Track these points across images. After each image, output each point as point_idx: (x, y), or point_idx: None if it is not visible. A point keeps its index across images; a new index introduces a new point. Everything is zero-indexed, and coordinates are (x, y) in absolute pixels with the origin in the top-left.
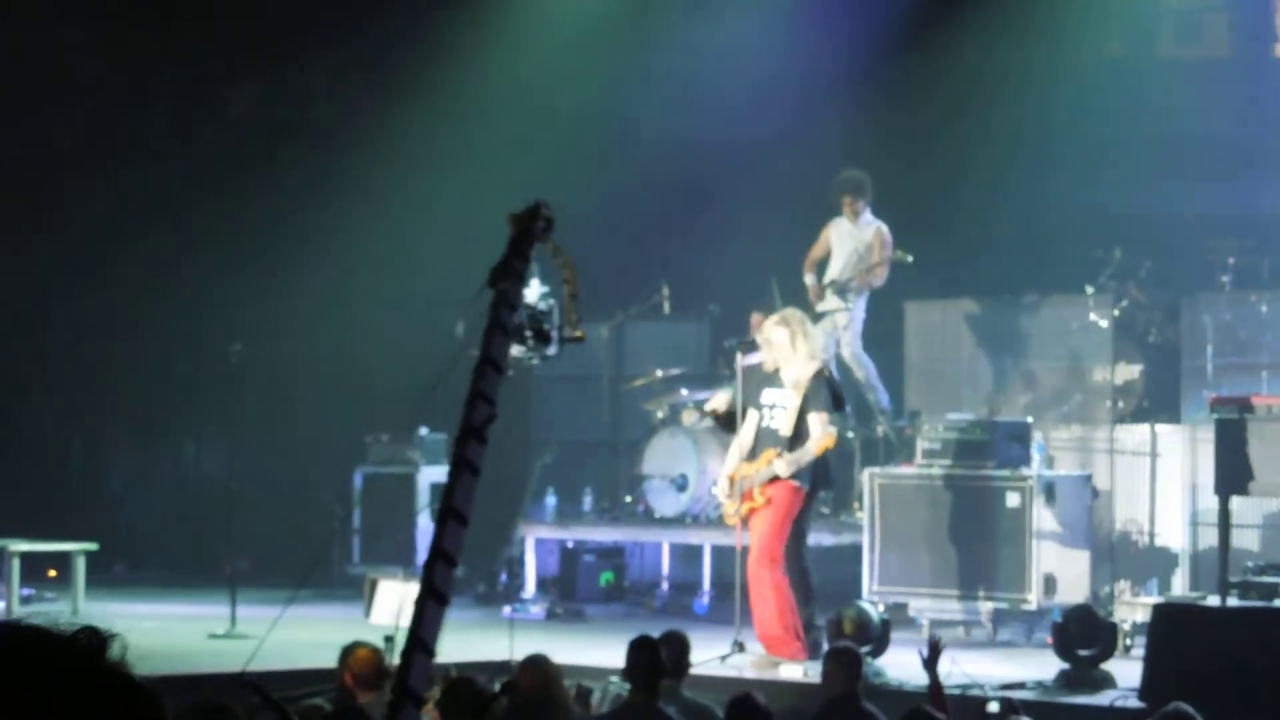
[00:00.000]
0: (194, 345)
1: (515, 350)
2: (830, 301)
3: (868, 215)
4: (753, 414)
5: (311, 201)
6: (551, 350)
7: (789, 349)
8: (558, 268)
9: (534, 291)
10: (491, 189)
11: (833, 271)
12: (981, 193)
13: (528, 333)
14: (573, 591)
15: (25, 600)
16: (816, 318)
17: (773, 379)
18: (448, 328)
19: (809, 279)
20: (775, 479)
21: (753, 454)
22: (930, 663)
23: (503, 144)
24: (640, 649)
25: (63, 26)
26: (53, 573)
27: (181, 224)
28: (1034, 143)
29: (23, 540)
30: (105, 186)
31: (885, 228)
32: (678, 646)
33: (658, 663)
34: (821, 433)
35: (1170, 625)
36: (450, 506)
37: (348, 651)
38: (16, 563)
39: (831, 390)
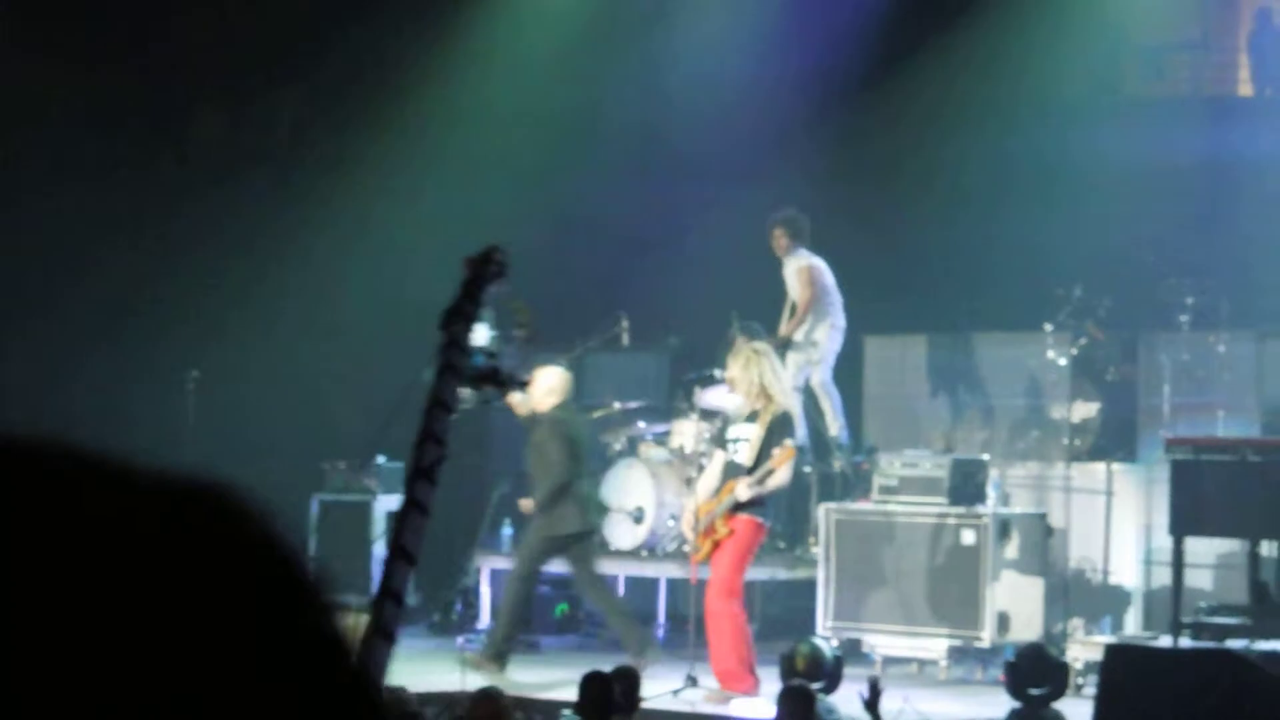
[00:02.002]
0: (151, 373)
1: (466, 394)
2: (798, 334)
3: (800, 252)
4: (719, 453)
5: (272, 230)
6: (504, 396)
7: (751, 379)
8: (512, 313)
9: (482, 336)
10: (454, 221)
11: (783, 318)
12: (941, 228)
13: (484, 379)
14: (527, 622)
15: None
16: (785, 350)
17: (736, 416)
18: (404, 358)
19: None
20: (738, 510)
21: (717, 492)
22: (871, 704)
23: (464, 175)
24: (592, 683)
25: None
26: None
27: (139, 251)
28: (993, 178)
29: None
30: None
31: (813, 265)
32: (629, 681)
33: (609, 697)
34: (786, 463)
35: (1122, 665)
36: (399, 546)
37: None
38: None
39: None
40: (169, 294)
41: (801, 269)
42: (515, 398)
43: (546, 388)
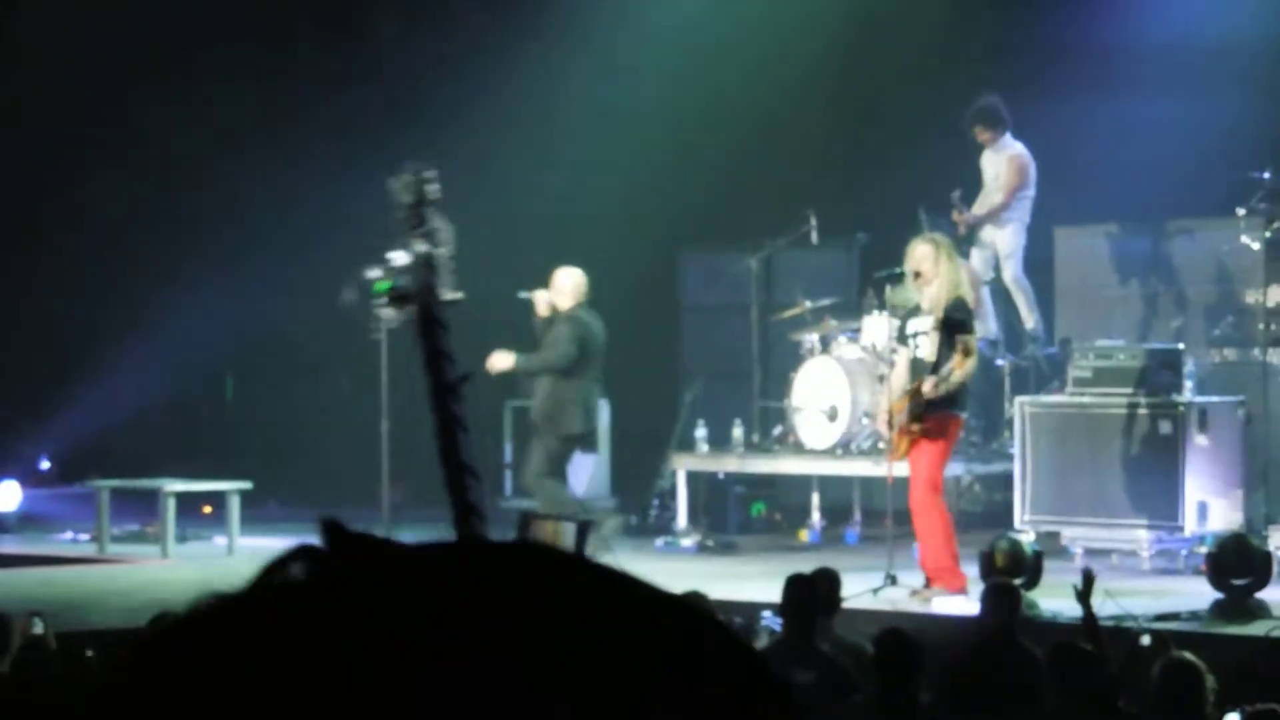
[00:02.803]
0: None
1: (391, 315)
2: (986, 229)
3: (1005, 140)
4: (903, 350)
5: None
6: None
7: (932, 269)
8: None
9: (407, 255)
10: (632, 121)
11: (979, 203)
12: (1130, 116)
13: (407, 299)
14: (724, 523)
15: (180, 539)
16: (968, 245)
17: (917, 310)
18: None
19: (956, 213)
20: (931, 408)
21: (908, 389)
22: (1084, 595)
23: (646, 70)
24: (794, 586)
25: None
26: (208, 509)
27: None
28: (1181, 63)
29: (178, 480)
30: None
31: (1021, 154)
32: (830, 583)
33: (812, 600)
34: (969, 355)
35: None
36: (464, 464)
37: None
38: (172, 503)
39: (969, 315)
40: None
41: (1013, 156)
42: (538, 296)
43: (565, 287)
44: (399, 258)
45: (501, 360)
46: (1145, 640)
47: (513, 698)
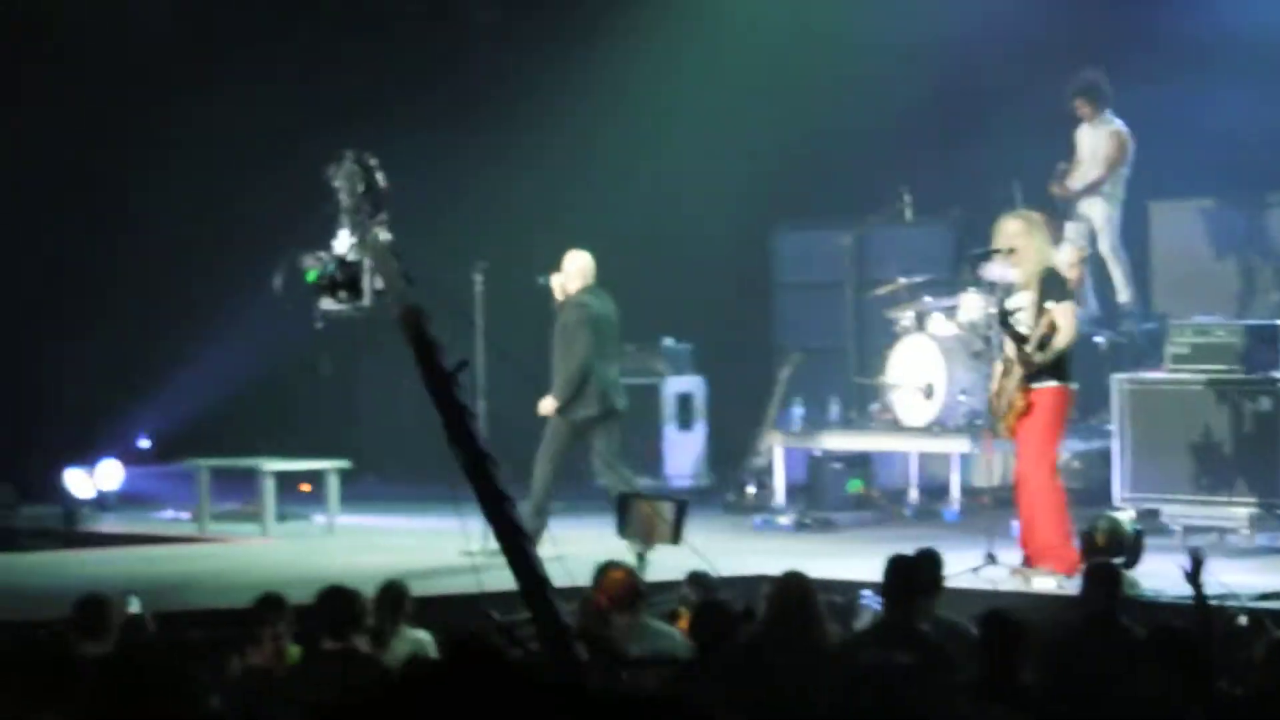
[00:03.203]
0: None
1: (329, 304)
2: (1082, 204)
3: (1106, 117)
4: (1006, 330)
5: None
6: (364, 302)
7: (1026, 245)
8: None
9: (343, 243)
10: (730, 97)
11: (1076, 177)
12: (1225, 90)
13: (340, 286)
14: (821, 500)
15: (280, 518)
16: (1062, 220)
17: (1013, 287)
18: (681, 239)
19: (1055, 185)
20: (1034, 380)
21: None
22: (1193, 576)
23: (739, 49)
24: (896, 568)
25: None
26: (306, 487)
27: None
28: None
29: (277, 459)
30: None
31: (1122, 130)
32: (932, 564)
33: (914, 582)
34: (1064, 322)
35: None
36: (483, 451)
37: (601, 571)
38: (271, 482)
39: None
40: (450, 188)
41: (1114, 132)
42: (554, 279)
43: (572, 270)
44: (340, 244)
45: (547, 406)
46: (1243, 620)
47: None
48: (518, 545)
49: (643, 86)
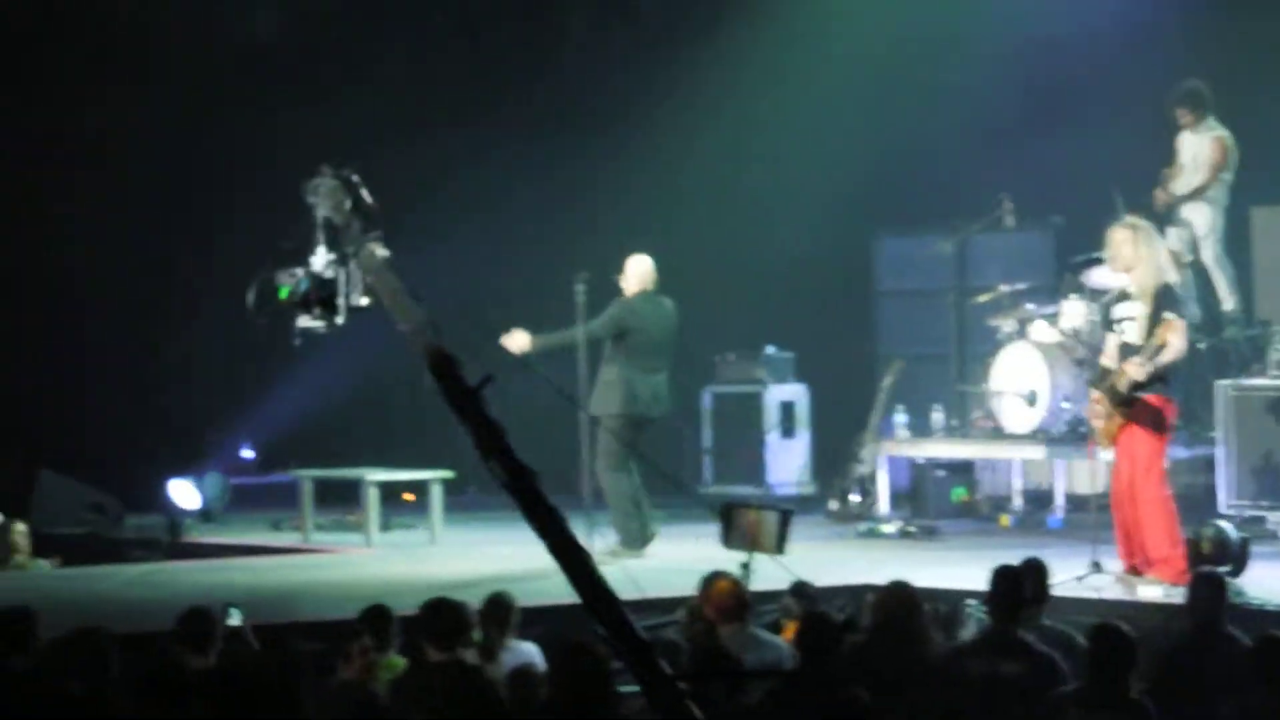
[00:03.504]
0: (538, 275)
1: (306, 321)
2: (1185, 210)
3: (1209, 123)
4: (1110, 337)
5: (657, 119)
6: (339, 319)
7: (1133, 254)
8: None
9: (320, 259)
10: (829, 105)
11: (1179, 183)
12: None
13: (314, 304)
14: (924, 508)
15: (384, 528)
16: (1164, 226)
17: (1121, 295)
18: (790, 241)
19: (1158, 191)
20: (1139, 390)
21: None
22: None
23: (837, 56)
24: (1003, 579)
25: None
26: (409, 496)
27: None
28: None
29: (380, 469)
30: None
31: (1225, 136)
32: (1038, 574)
33: (1020, 592)
34: (1176, 336)
35: None
36: (522, 465)
37: (708, 582)
38: (375, 492)
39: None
40: (551, 198)
41: (1217, 138)
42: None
43: (629, 273)
44: (318, 261)
45: (517, 341)
46: None
47: None
48: (577, 560)
49: (741, 95)
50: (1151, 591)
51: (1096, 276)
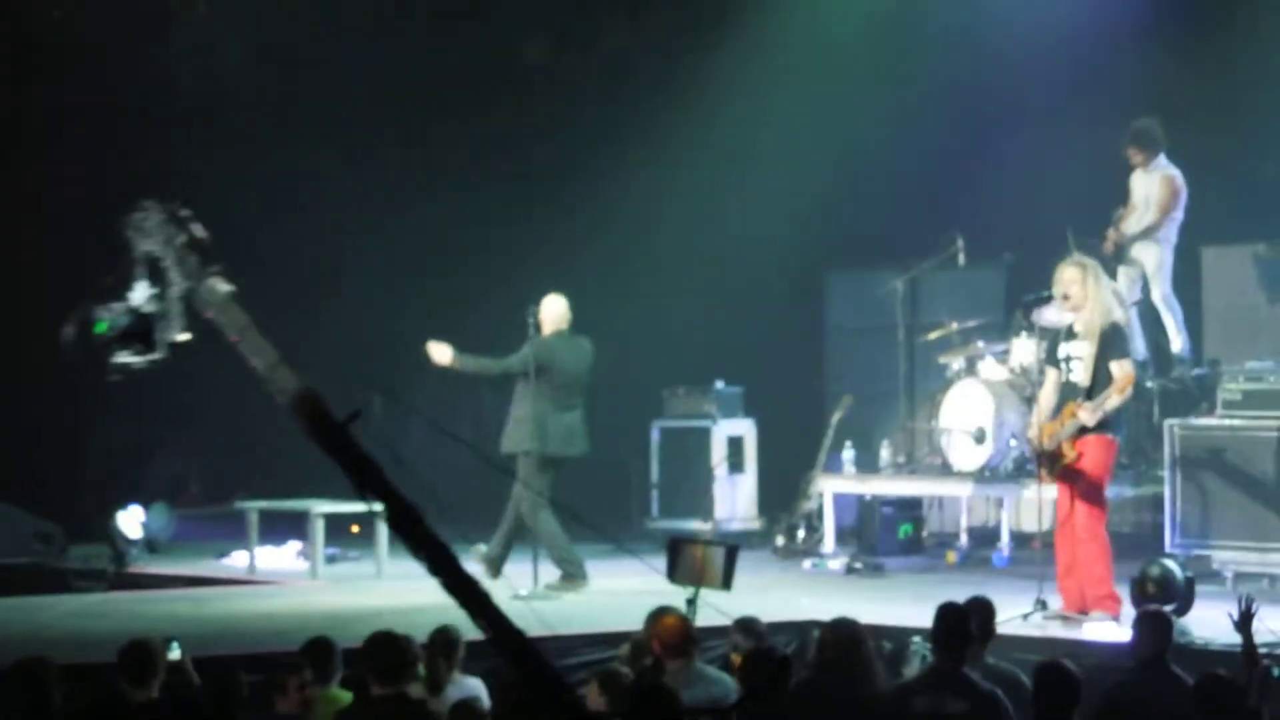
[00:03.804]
0: (488, 304)
1: (125, 357)
2: (1135, 248)
3: (1159, 162)
4: (1052, 372)
5: (607, 153)
6: (158, 355)
7: (1081, 293)
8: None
9: (140, 294)
10: (781, 140)
11: (1130, 222)
12: (1274, 134)
13: (132, 339)
14: (871, 545)
15: (330, 559)
16: (1115, 265)
17: (1068, 333)
18: (742, 284)
19: (1110, 233)
20: (1084, 432)
21: (1056, 412)
22: (1243, 624)
23: (788, 91)
24: (947, 616)
25: None
26: (355, 528)
27: (476, 183)
28: None
29: (325, 501)
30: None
31: (1176, 176)
32: (984, 613)
33: (966, 631)
34: (1122, 376)
35: None
36: (408, 502)
37: (654, 617)
38: (321, 524)
39: (1125, 340)
40: (502, 227)
41: (1167, 177)
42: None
43: (543, 314)
44: (137, 296)
45: (440, 352)
46: (1277, 671)
47: None
48: (474, 592)
49: (693, 129)
50: (1096, 629)
51: (1046, 314)
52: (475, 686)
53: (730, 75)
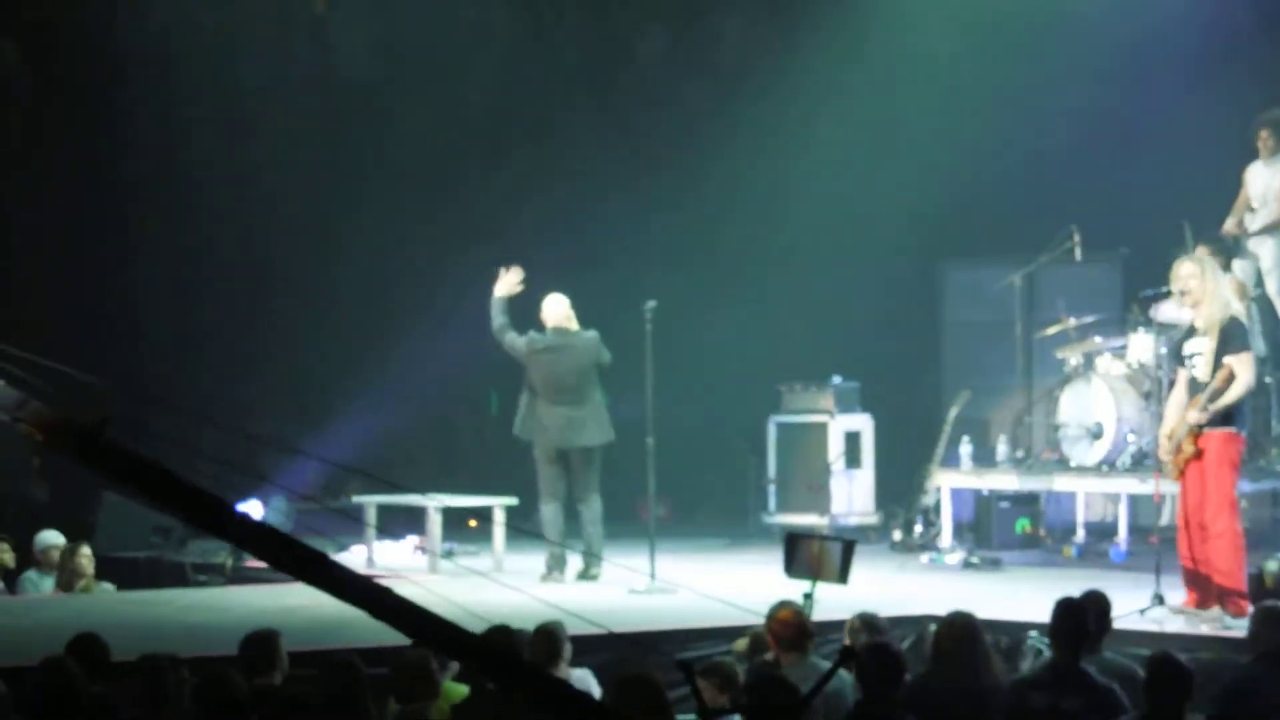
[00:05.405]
0: (612, 299)
1: None
2: (1251, 242)
3: None
4: (1181, 372)
5: (723, 149)
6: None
7: (1199, 288)
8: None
9: None
10: (898, 134)
11: (1252, 218)
12: None
13: None
14: (988, 539)
15: (446, 554)
16: (1229, 259)
17: (1190, 330)
18: (852, 275)
19: (1229, 222)
20: (1204, 427)
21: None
22: None
23: (905, 85)
24: (1066, 611)
25: None
26: (473, 523)
27: (589, 175)
28: None
29: (444, 495)
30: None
31: None
32: (1101, 608)
33: (1083, 626)
34: (1242, 373)
35: None
36: (267, 527)
37: (771, 612)
38: (439, 518)
39: (1244, 334)
40: (616, 220)
41: None
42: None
43: (544, 313)
44: None
45: (509, 279)
46: None
47: None
48: (392, 600)
49: (810, 124)
50: (1213, 625)
51: (1164, 310)
52: (584, 678)
53: (847, 71)
